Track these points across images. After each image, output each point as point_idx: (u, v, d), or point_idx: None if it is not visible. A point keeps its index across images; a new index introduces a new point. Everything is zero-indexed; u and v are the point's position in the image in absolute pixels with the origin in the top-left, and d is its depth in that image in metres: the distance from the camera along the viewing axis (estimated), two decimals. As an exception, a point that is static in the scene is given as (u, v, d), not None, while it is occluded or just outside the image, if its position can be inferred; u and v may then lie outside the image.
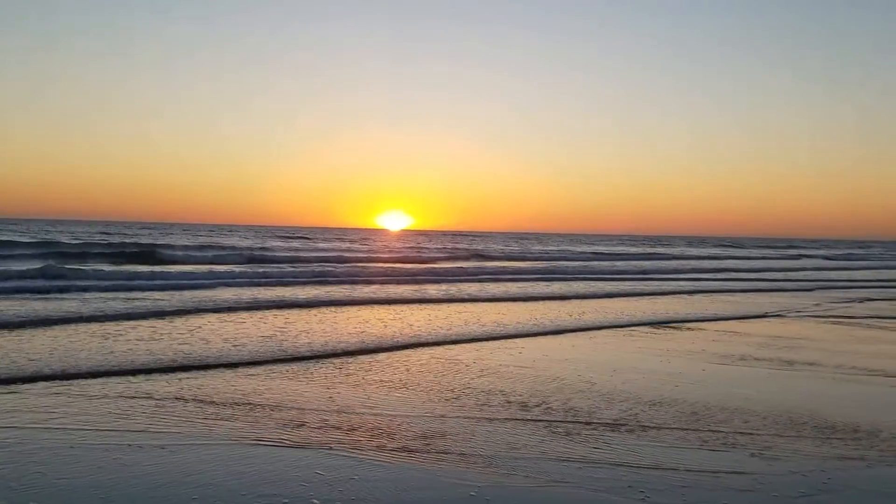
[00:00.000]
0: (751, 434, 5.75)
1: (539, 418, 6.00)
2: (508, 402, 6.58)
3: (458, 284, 20.00)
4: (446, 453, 5.02)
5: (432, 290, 18.06)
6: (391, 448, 5.09)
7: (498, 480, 4.52)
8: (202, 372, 7.49)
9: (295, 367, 7.98)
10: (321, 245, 45.01)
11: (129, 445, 4.98)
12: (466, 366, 8.27)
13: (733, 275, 29.83)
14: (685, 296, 19.37)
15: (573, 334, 11.00)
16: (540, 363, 8.59)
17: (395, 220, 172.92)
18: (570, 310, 14.58)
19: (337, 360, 8.37)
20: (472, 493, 4.26)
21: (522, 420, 5.93)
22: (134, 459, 4.69)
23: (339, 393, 6.76)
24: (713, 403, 6.75)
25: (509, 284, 20.87)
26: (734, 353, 9.81)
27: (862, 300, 19.09)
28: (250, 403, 6.22)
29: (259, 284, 17.90)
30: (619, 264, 34.92)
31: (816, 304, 17.17)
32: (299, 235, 68.15)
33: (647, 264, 36.41)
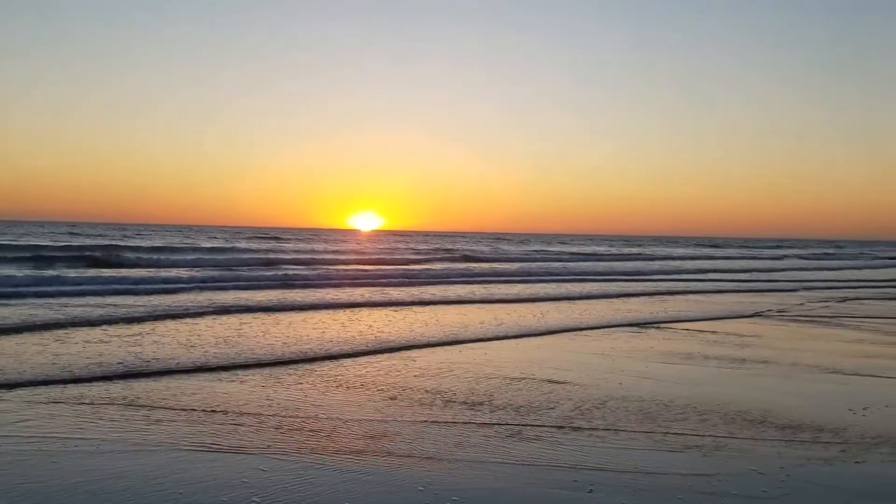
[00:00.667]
0: (702, 434, 5.64)
1: (488, 421, 5.85)
2: (459, 403, 6.45)
3: (426, 287, 19.53)
4: (391, 455, 4.88)
5: (395, 292, 17.65)
6: (336, 450, 4.95)
7: (444, 479, 4.42)
8: (146, 379, 7.19)
9: (250, 372, 7.73)
10: (288, 246, 44.11)
11: (65, 451, 4.78)
12: (421, 368, 8.09)
13: (720, 276, 29.61)
14: (667, 296, 19.23)
15: (539, 337, 10.79)
16: (496, 365, 8.42)
17: (366, 221, 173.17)
18: (538, 312, 14.37)
19: (290, 366, 8.11)
20: (419, 489, 4.21)
21: (471, 422, 5.78)
22: (71, 464, 4.52)
23: (289, 396, 6.57)
24: (669, 402, 6.66)
25: (476, 286, 20.36)
26: (696, 353, 9.76)
27: (842, 299, 19.08)
28: (194, 409, 6.00)
29: (220, 288, 17.25)
30: (595, 265, 34.16)
31: (800, 304, 17.13)
32: (271, 236, 67.35)
33: (620, 265, 35.65)
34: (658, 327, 12.48)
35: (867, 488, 4.51)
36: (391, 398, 6.57)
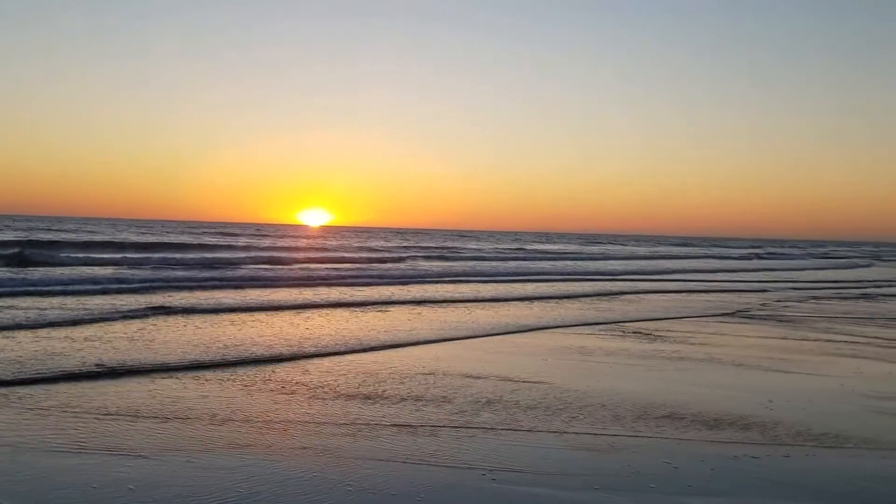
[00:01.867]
0: (616, 431, 5.49)
1: (411, 423, 5.56)
2: (388, 405, 6.11)
3: (367, 288, 18.48)
4: (326, 453, 4.66)
5: (336, 293, 16.61)
6: (268, 453, 4.69)
7: (337, 471, 4.28)
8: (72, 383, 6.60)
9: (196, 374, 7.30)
10: (234, 242, 42.14)
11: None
12: (349, 372, 7.67)
13: (681, 276, 28.87)
14: (616, 296, 19.09)
15: (470, 341, 10.19)
16: (422, 369, 8.05)
17: (315, 217, 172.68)
18: (476, 315, 13.95)
19: (228, 371, 7.57)
20: (348, 490, 4.06)
21: (397, 425, 5.49)
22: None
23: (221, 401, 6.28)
24: (583, 400, 6.48)
25: (414, 287, 19.05)
26: (621, 350, 9.64)
27: (806, 299, 19.03)
28: (115, 414, 5.58)
29: (147, 289, 15.41)
30: (544, 265, 31.91)
31: (763, 304, 16.98)
32: (217, 231, 65.66)
33: (576, 264, 33.75)
34: (605, 326, 12.42)
35: (793, 480, 4.38)
36: (289, 395, 6.32)
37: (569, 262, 35.29)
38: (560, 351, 9.17)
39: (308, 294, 15.67)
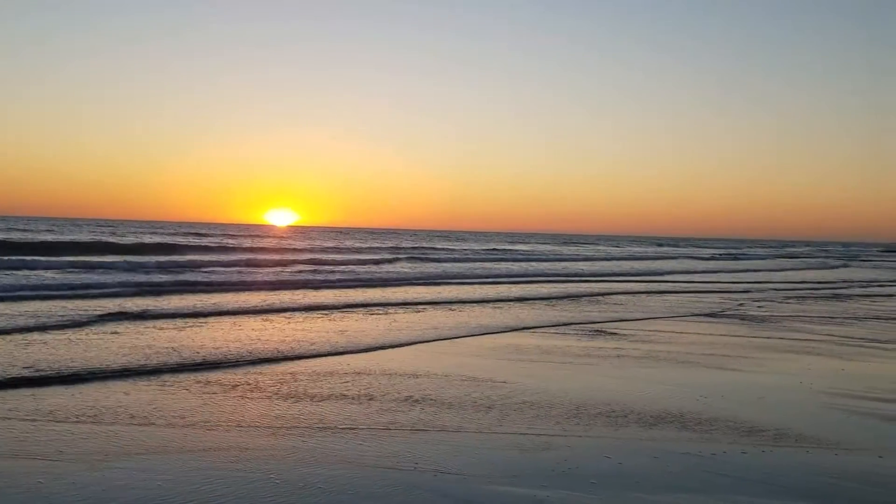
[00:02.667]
0: (553, 429, 5.58)
1: (339, 426, 5.61)
2: (316, 407, 6.13)
3: (332, 291, 17.95)
4: (249, 449, 4.62)
5: (300, 296, 16.00)
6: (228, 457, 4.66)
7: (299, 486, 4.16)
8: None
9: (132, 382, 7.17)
10: (195, 242, 41.45)
11: None
12: (300, 376, 7.80)
13: (668, 277, 28.78)
14: (603, 297, 19.11)
15: (414, 346, 10.09)
16: (351, 374, 8.10)
17: (282, 217, 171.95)
18: (419, 319, 13.97)
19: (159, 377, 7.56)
20: (276, 482, 4.15)
21: (350, 428, 5.48)
22: None
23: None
24: (519, 399, 6.58)
25: (355, 291, 17.93)
26: (563, 350, 9.78)
27: (782, 300, 19.03)
28: (59, 421, 5.61)
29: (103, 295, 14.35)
30: (513, 266, 31.44)
31: (740, 305, 17.05)
32: (183, 232, 64.64)
33: (545, 265, 33.25)
34: (576, 327, 12.43)
35: (752, 476, 4.46)
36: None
37: (541, 263, 35.20)
38: (509, 350, 9.26)
39: (270, 298, 14.79)
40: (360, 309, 13.57)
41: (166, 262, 23.03)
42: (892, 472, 4.63)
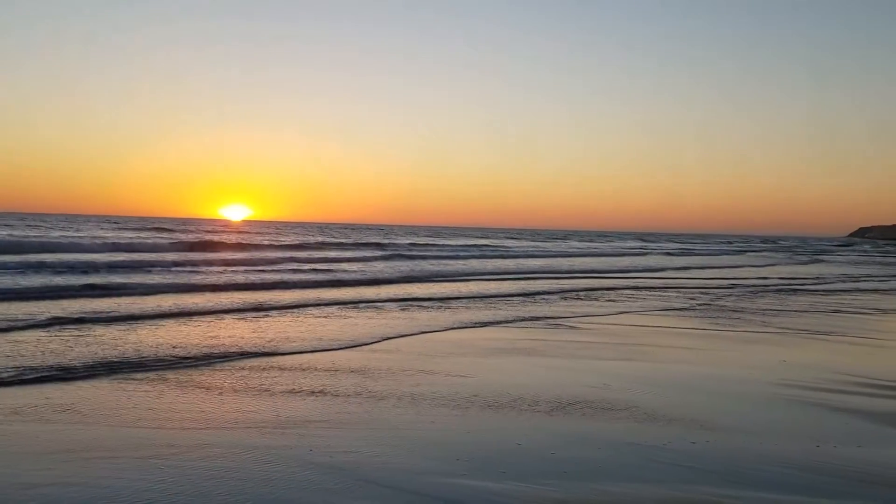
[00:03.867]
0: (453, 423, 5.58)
1: (294, 422, 5.69)
2: (270, 404, 6.24)
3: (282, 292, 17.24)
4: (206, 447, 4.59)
5: (251, 297, 15.27)
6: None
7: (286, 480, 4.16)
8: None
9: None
10: (138, 240, 39.44)
11: None
12: (253, 373, 7.82)
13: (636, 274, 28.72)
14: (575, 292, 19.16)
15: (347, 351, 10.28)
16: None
17: (236, 211, 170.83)
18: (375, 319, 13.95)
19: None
20: (237, 478, 4.04)
21: (276, 424, 5.59)
22: None
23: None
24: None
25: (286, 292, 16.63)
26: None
27: (754, 295, 18.88)
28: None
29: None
30: (465, 263, 31.21)
31: (715, 299, 17.13)
32: (136, 227, 63.15)
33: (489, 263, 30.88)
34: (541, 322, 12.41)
35: (700, 465, 4.56)
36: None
37: (524, 260, 35.10)
38: (474, 346, 9.33)
39: (219, 299, 13.67)
40: (313, 308, 13.53)
41: (119, 262, 22.31)
42: (830, 461, 4.79)
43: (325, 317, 11.59)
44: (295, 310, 12.40)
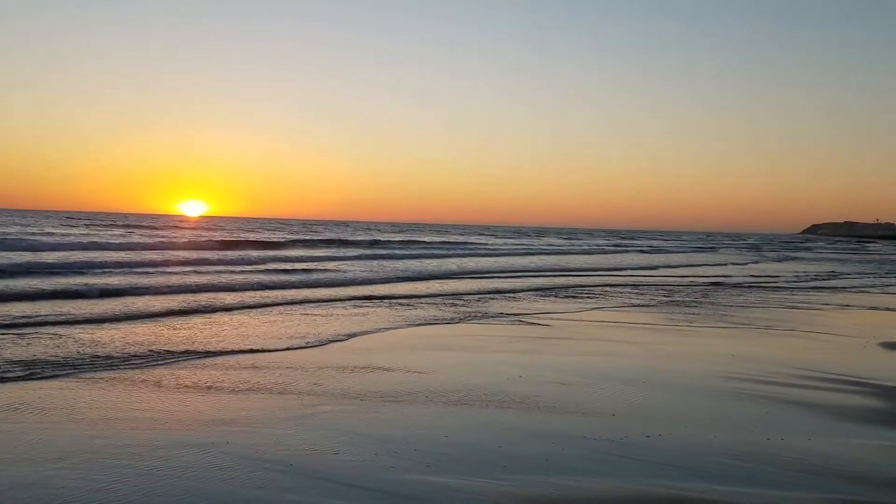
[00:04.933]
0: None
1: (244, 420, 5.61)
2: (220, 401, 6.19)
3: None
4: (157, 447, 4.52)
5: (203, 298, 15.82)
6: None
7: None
8: None
9: None
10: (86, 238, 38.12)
11: None
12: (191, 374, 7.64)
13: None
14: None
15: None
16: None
17: (193, 207, 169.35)
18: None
19: None
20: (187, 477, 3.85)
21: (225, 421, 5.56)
22: None
23: None
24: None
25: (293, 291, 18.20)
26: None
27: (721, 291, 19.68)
28: None
29: None
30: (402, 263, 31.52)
31: (673, 294, 17.55)
32: (88, 222, 61.75)
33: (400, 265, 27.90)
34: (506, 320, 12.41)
35: (655, 459, 4.59)
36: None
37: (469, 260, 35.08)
38: (429, 342, 9.35)
39: (170, 300, 13.04)
40: (271, 308, 13.40)
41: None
42: (780, 453, 4.89)
43: (283, 315, 11.50)
44: (253, 309, 12.28)
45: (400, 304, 13.39)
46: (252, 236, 43.48)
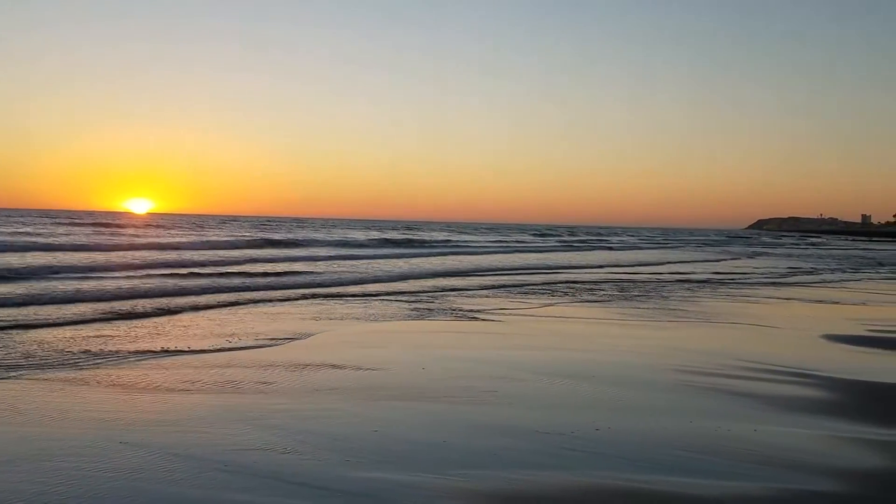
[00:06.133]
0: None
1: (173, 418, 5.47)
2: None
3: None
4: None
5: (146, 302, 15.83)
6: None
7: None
8: None
9: None
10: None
11: None
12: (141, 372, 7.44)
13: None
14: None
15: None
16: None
17: (138, 204, 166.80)
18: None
19: None
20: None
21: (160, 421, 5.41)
22: None
23: None
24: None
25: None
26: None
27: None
28: None
29: None
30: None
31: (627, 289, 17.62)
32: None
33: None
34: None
35: (601, 451, 4.60)
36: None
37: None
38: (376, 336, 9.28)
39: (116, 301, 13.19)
40: (224, 308, 13.21)
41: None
42: (729, 444, 4.99)
43: (233, 314, 11.36)
44: (202, 311, 12.10)
45: (357, 301, 13.32)
46: (212, 235, 42.62)
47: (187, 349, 8.01)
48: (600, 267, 27.15)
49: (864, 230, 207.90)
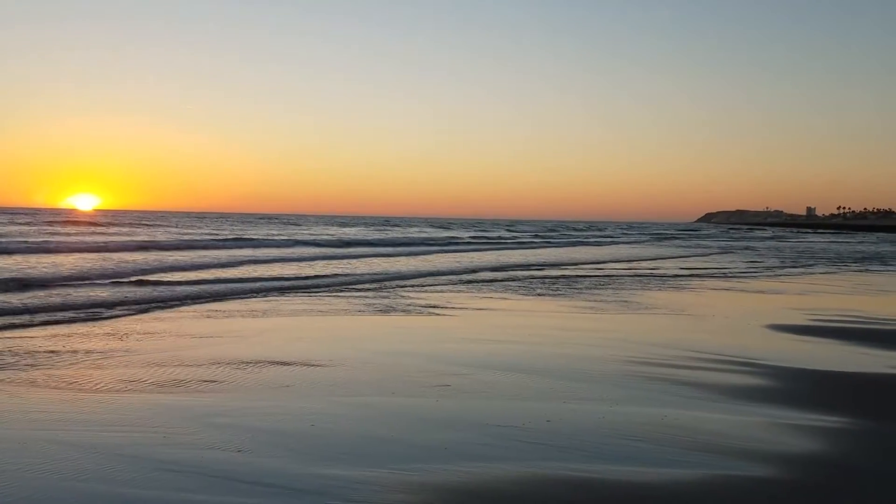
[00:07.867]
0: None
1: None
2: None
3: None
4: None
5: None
6: None
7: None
8: None
9: None
10: None
11: None
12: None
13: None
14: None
15: None
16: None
17: (85, 201, 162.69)
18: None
19: None
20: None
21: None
22: None
23: None
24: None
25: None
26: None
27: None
28: None
29: None
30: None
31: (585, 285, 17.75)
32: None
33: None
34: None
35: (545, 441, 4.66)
36: None
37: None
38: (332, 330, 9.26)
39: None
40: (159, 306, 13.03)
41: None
42: (674, 432, 5.11)
43: (181, 314, 11.21)
44: (149, 312, 11.92)
45: (309, 297, 13.23)
46: (160, 234, 41.59)
47: (143, 349, 7.88)
48: (553, 265, 27.42)
49: (809, 222, 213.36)
